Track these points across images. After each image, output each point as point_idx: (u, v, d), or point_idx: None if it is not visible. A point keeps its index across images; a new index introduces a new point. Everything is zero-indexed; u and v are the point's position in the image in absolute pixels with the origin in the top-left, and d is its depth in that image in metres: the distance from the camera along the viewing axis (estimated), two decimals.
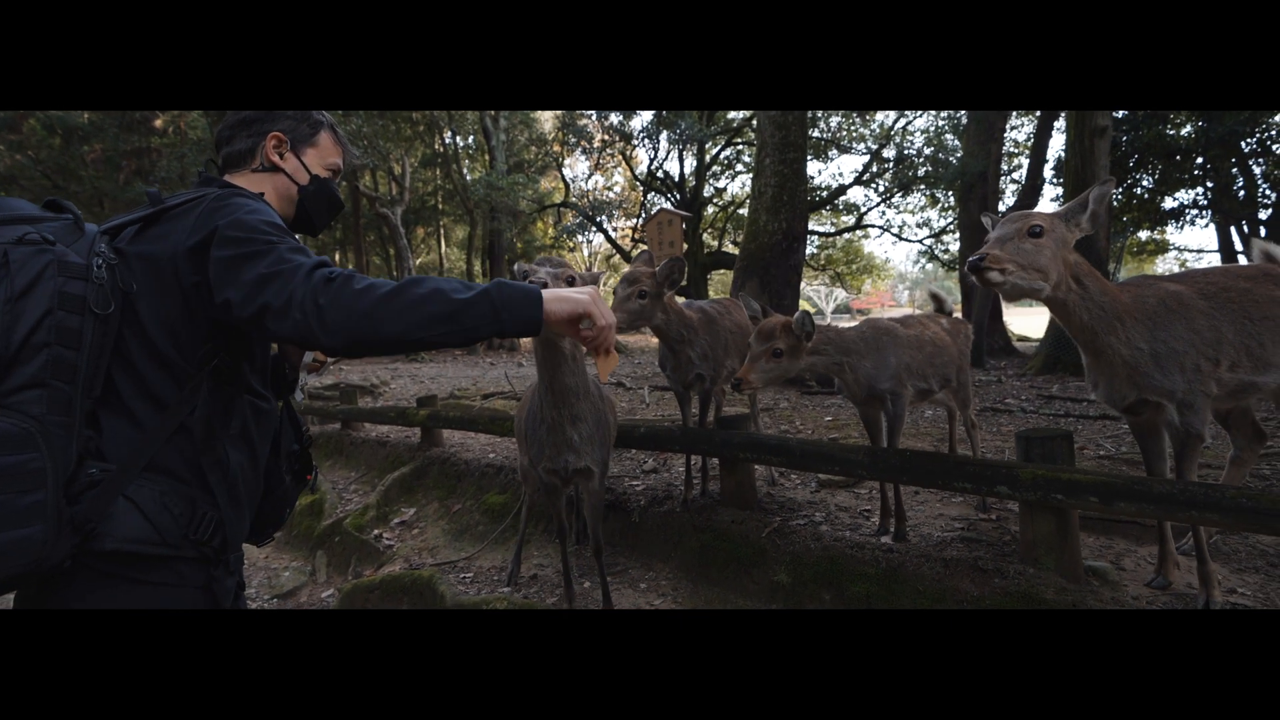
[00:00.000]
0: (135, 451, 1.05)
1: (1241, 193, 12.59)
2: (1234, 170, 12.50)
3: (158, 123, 17.19)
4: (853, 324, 2.93)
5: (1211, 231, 14.31)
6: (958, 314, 3.74)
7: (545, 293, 1.10)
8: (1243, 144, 11.96)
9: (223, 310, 1.04)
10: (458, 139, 22.76)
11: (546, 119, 23.07)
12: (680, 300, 3.30)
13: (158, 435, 1.07)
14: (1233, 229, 13.53)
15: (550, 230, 25.62)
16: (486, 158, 21.53)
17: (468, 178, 22.39)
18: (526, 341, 25.85)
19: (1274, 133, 12.25)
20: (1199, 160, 12.36)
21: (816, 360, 2.67)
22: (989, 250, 1.93)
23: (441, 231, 29.40)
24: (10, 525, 0.90)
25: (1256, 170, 12.57)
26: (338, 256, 27.78)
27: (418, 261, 29.51)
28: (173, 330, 1.09)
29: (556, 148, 22.89)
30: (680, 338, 3.10)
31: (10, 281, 0.93)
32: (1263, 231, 12.34)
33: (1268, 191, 12.46)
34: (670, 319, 3.03)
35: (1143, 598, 2.28)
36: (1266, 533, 1.95)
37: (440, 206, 26.10)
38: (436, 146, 22.30)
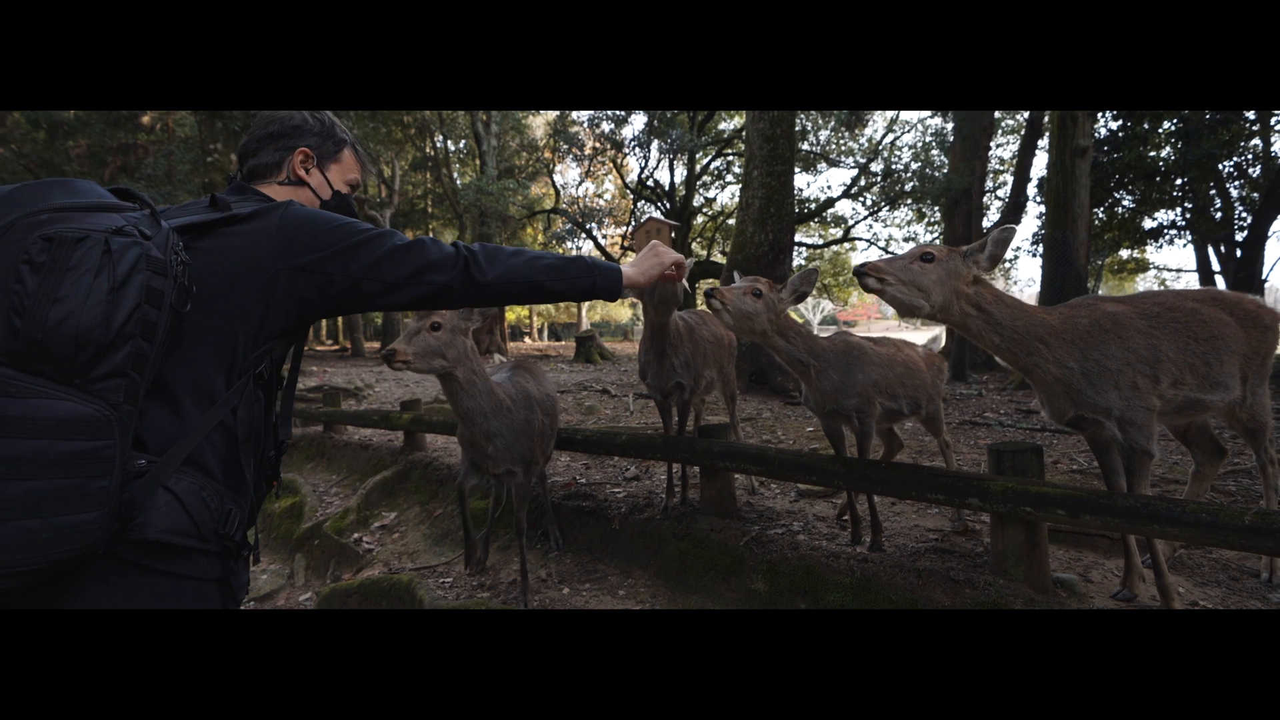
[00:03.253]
0: (178, 443, 1.08)
1: (1219, 214, 12.86)
2: (1211, 192, 12.77)
3: (145, 119, 17.00)
4: (827, 335, 2.92)
5: (1190, 251, 14.57)
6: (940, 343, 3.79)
7: (624, 267, 1.45)
8: (1220, 167, 12.22)
9: (366, 279, 1.20)
10: (448, 143, 22.73)
11: (538, 125, 23.13)
12: None
13: (200, 430, 1.10)
14: (1210, 249, 13.81)
15: (540, 236, 25.61)
16: (477, 162, 21.51)
17: (458, 182, 22.36)
18: (514, 345, 25.64)
19: (1250, 156, 12.55)
20: (1178, 181, 12.61)
21: (783, 344, 2.59)
22: (872, 261, 2.13)
23: (430, 235, 29.30)
24: (77, 508, 0.93)
25: (1233, 192, 12.85)
26: None
27: None
28: (245, 329, 1.15)
29: (548, 154, 22.93)
30: (673, 342, 3.11)
31: (113, 270, 0.95)
32: (1238, 253, 12.60)
33: (1244, 214, 12.73)
34: (675, 320, 3.07)
35: (1108, 609, 2.33)
36: (1225, 547, 2.00)
37: (430, 210, 26.01)
38: (427, 150, 22.25)
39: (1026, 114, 13.35)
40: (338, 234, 1.19)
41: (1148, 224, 13.92)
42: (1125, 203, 13.54)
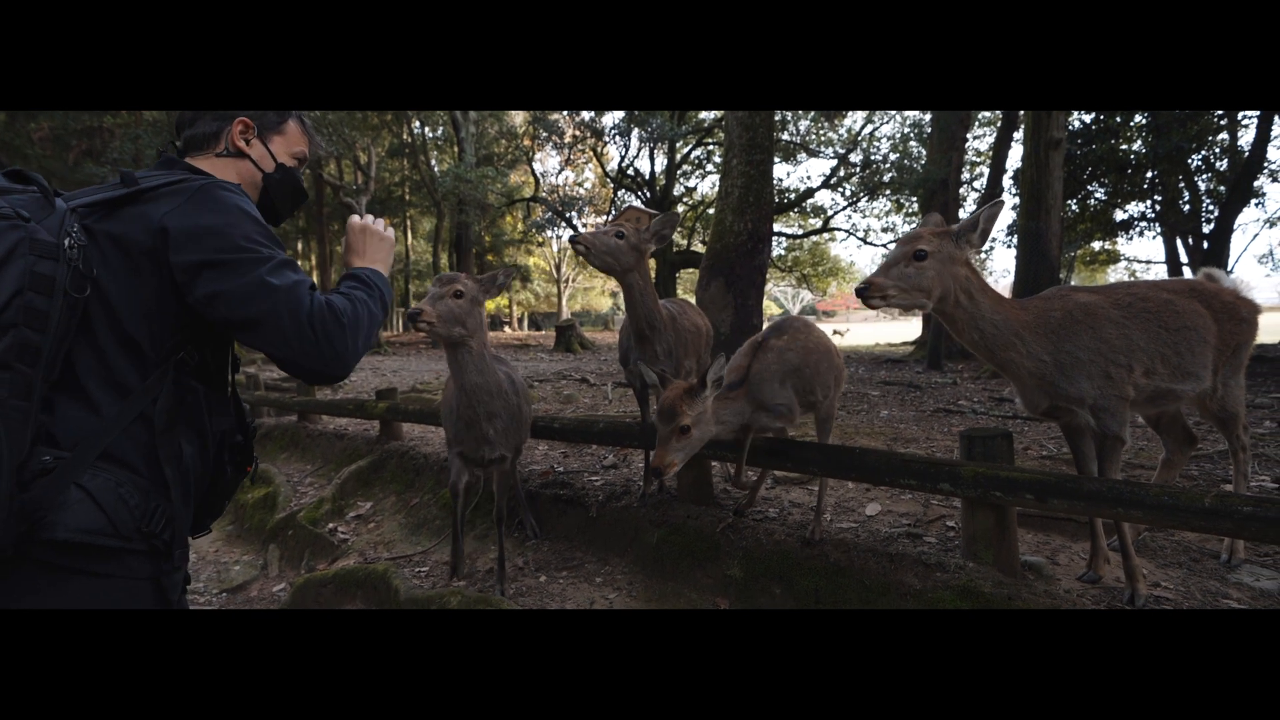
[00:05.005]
0: (90, 438, 1.02)
1: (1187, 207, 13.14)
2: (1180, 185, 13.04)
3: None
4: (740, 360, 2.60)
5: (1159, 243, 14.88)
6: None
7: (377, 266, 1.35)
8: (1189, 160, 12.48)
9: (204, 307, 1.07)
10: (426, 130, 22.46)
11: (517, 113, 22.89)
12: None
13: (116, 423, 1.04)
14: (1178, 241, 14.11)
15: (519, 225, 25.44)
16: (455, 149, 21.29)
17: (436, 169, 22.12)
18: (493, 334, 25.49)
19: (1218, 150, 12.83)
20: (1148, 174, 12.85)
21: (723, 429, 2.45)
22: (872, 279, 2.14)
23: (408, 223, 28.98)
24: None
25: (1201, 186, 13.14)
26: (300, 245, 27.16)
27: None
28: (146, 316, 1.08)
29: (527, 142, 22.73)
30: (651, 323, 3.06)
31: None
32: (1205, 245, 12.89)
33: (1211, 206, 13.02)
34: (646, 288, 2.99)
35: (1074, 591, 2.38)
36: (1186, 529, 2.06)
37: (407, 197, 25.72)
38: (404, 136, 21.97)
39: None
40: (246, 248, 1.08)
41: (1119, 216, 14.20)
42: (1097, 195, 13.79)
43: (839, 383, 2.88)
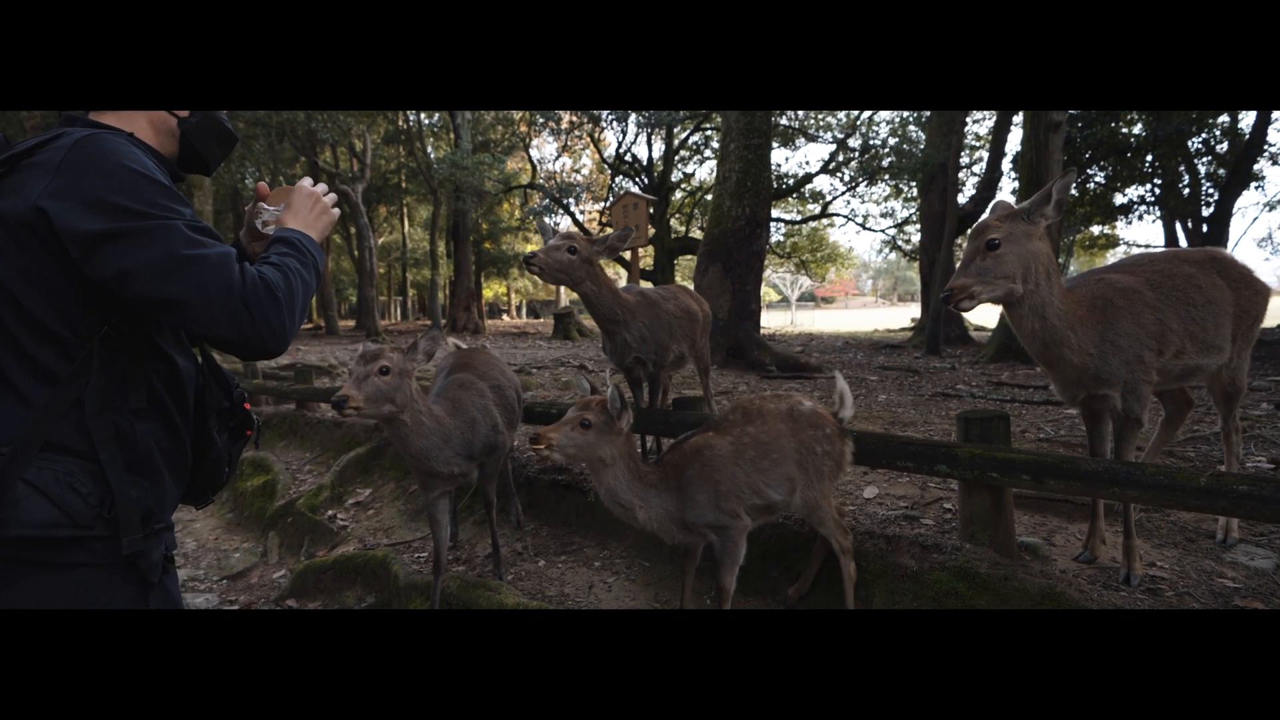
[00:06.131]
0: (27, 431, 0.97)
1: (1186, 190, 13.08)
2: (1180, 168, 12.97)
3: None
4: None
5: (1159, 227, 14.84)
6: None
7: (310, 232, 1.24)
8: (1189, 143, 12.41)
9: (115, 287, 0.99)
10: (422, 116, 22.27)
11: None
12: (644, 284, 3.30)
13: (51, 413, 0.99)
14: (1178, 225, 14.07)
15: (516, 212, 25.32)
16: (451, 136, 21.13)
17: (432, 156, 21.97)
18: (492, 323, 25.37)
19: (1218, 133, 12.75)
20: (1148, 158, 12.78)
21: (619, 489, 2.12)
22: (954, 283, 2.08)
23: (404, 211, 28.83)
24: None
25: (1201, 169, 13.07)
26: None
27: (379, 241, 28.90)
28: (49, 296, 1.00)
29: (524, 128, 22.56)
30: (613, 317, 3.06)
31: None
32: (1205, 228, 12.86)
33: (1210, 190, 12.97)
34: (601, 292, 2.98)
35: (1070, 571, 2.39)
36: (1181, 508, 2.06)
37: (403, 185, 25.55)
38: (400, 123, 21.80)
39: None
40: (143, 213, 0.98)
41: (1119, 199, 14.13)
42: (1097, 178, 13.71)
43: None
